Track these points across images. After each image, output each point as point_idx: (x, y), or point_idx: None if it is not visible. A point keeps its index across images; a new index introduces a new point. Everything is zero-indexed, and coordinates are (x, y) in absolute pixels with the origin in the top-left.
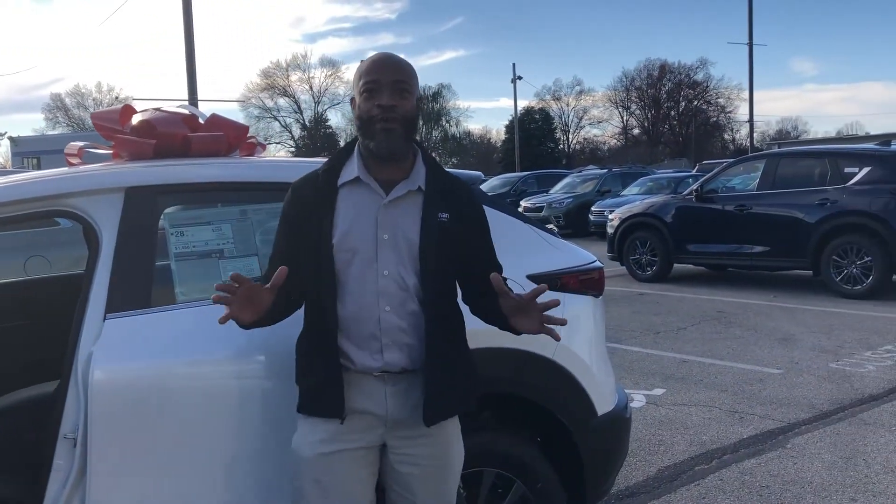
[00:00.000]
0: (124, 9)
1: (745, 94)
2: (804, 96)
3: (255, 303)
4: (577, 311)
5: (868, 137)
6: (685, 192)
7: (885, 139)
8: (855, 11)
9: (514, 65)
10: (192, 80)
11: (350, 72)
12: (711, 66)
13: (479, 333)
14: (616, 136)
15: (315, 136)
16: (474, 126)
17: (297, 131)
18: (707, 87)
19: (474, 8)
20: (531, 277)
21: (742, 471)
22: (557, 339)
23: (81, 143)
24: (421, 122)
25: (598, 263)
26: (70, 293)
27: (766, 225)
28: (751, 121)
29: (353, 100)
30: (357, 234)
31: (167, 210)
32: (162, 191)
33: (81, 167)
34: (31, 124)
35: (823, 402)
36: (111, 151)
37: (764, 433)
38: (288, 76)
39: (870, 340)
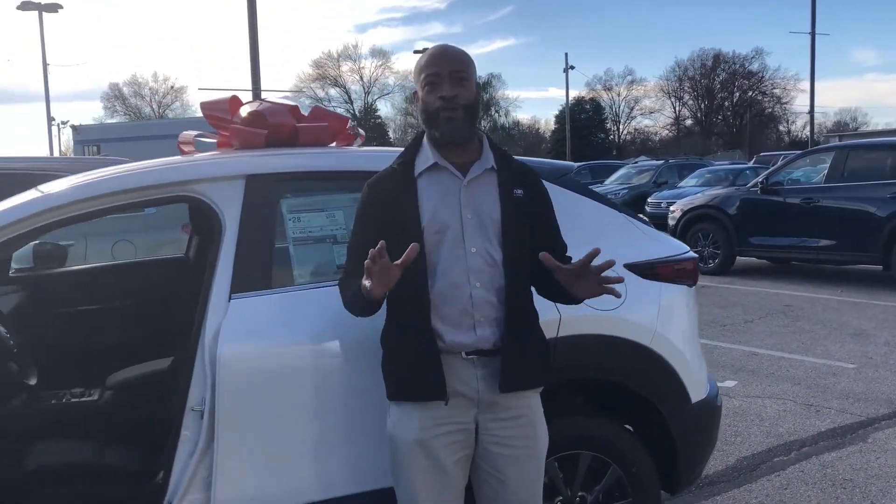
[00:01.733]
0: (176, 1)
1: (802, 85)
2: (865, 86)
3: (387, 278)
4: (672, 300)
5: None
6: (749, 185)
7: None
8: None
9: (566, 54)
10: (256, 70)
11: (400, 62)
12: (767, 55)
13: (578, 320)
14: (668, 127)
15: (364, 126)
16: (522, 116)
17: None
18: (762, 77)
19: None
20: (629, 266)
21: (823, 463)
22: (618, 296)
23: (195, 133)
24: None
25: (692, 254)
26: (156, 277)
27: (834, 218)
28: (811, 112)
29: (415, 94)
30: (443, 216)
31: (284, 197)
32: (279, 178)
33: (200, 155)
34: (91, 113)
35: None
36: (216, 140)
37: (842, 427)
38: (339, 66)
39: None
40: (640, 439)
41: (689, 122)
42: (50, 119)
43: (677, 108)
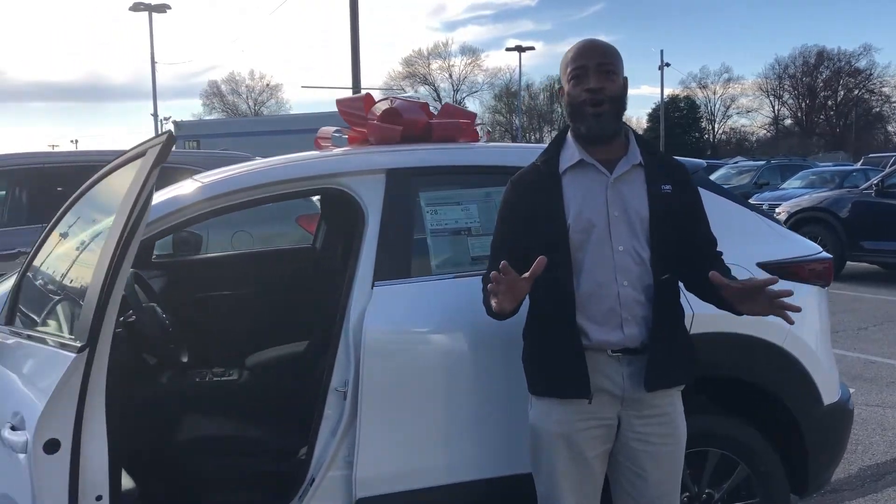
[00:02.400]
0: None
1: None
2: None
3: (516, 292)
4: (805, 300)
5: None
6: (863, 187)
7: None
8: None
9: (661, 51)
10: (357, 68)
11: (489, 60)
12: (876, 52)
13: (711, 318)
14: (765, 127)
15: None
16: None
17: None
18: (870, 74)
19: None
20: (761, 265)
21: None
22: (791, 322)
23: (333, 129)
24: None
25: (825, 254)
26: (286, 266)
27: None
28: None
29: (560, 89)
30: (589, 214)
31: (422, 190)
32: (416, 173)
33: (341, 150)
34: (191, 109)
35: None
36: (347, 136)
37: None
38: (429, 64)
39: None
40: (770, 440)
41: (788, 121)
42: (155, 115)
43: (776, 108)
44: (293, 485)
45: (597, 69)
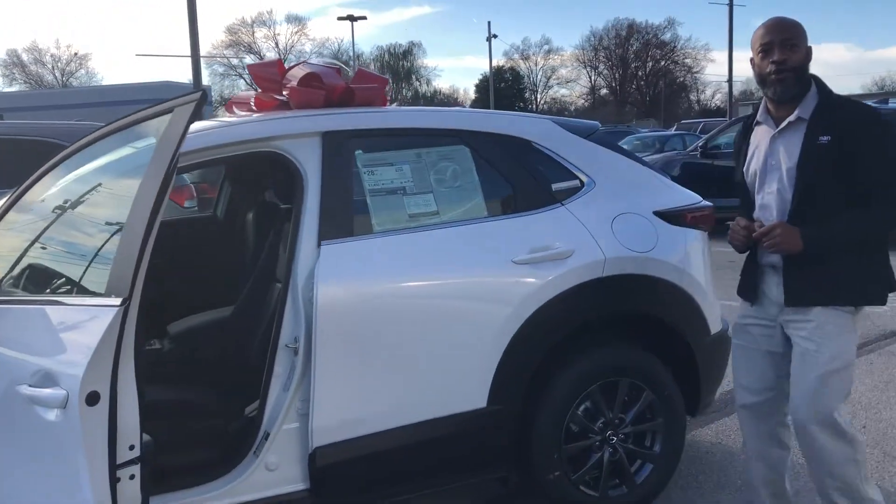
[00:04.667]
0: None
1: (711, 55)
2: None
3: (747, 241)
4: (692, 243)
5: None
6: (690, 149)
7: (883, 97)
8: None
9: (489, 23)
10: (195, 36)
11: (316, 27)
12: (679, 26)
13: (620, 261)
14: (584, 97)
15: None
16: (442, 84)
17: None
18: (675, 47)
19: None
20: (657, 213)
21: None
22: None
23: (251, 93)
24: (391, 81)
25: (707, 202)
26: (189, 235)
27: None
28: (730, 81)
29: (752, 60)
30: (756, 162)
31: (357, 151)
32: (352, 135)
33: (271, 114)
34: None
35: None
36: (254, 101)
37: None
38: (253, 33)
39: None
40: (669, 368)
41: (604, 91)
42: None
43: (593, 78)
44: (246, 440)
45: (781, 43)
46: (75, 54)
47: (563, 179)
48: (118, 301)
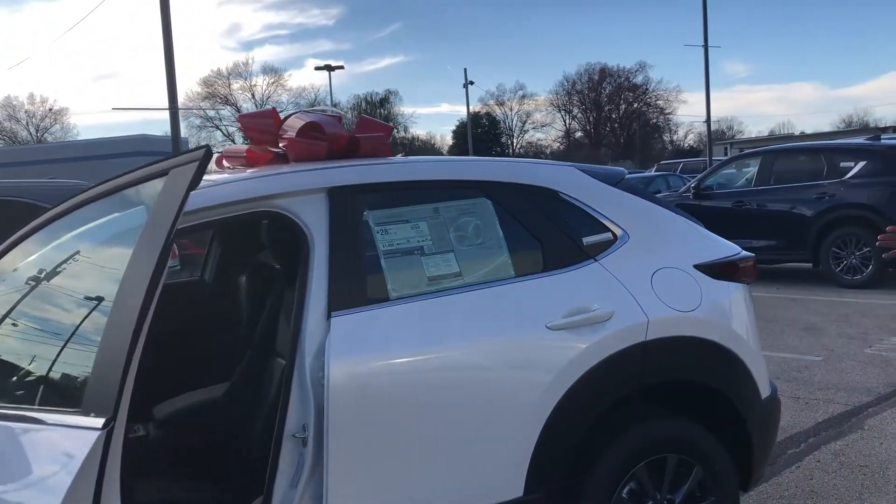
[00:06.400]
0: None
1: (683, 96)
2: (736, 97)
3: None
4: (736, 297)
5: (801, 137)
6: (682, 190)
7: (875, 133)
8: (785, 13)
9: (465, 70)
10: (172, 87)
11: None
12: (650, 69)
13: (664, 322)
14: (559, 140)
15: None
16: (419, 131)
17: (239, 140)
18: (646, 89)
19: (412, 13)
20: (698, 267)
21: (834, 452)
22: None
23: (244, 147)
24: None
25: (748, 252)
26: (176, 301)
27: (766, 219)
28: (708, 121)
29: None
30: None
31: (368, 209)
32: (361, 190)
33: (271, 169)
34: None
35: (878, 384)
36: (245, 155)
37: (836, 417)
38: (229, 84)
39: (891, 326)
40: (720, 440)
41: (578, 134)
42: None
43: (567, 122)
44: None
45: None
46: (50, 109)
47: (595, 232)
48: (100, 422)
